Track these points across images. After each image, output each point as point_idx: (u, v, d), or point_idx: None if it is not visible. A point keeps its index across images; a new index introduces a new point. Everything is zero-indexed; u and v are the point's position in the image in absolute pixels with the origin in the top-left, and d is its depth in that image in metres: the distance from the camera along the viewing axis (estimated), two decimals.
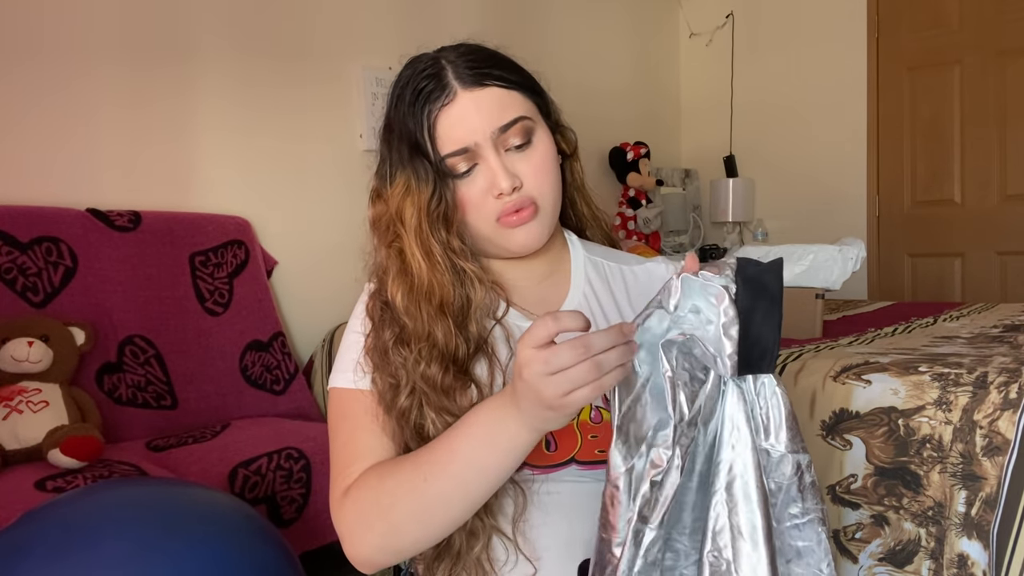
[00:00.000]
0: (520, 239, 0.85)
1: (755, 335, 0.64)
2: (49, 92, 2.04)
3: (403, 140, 0.85)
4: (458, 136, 0.82)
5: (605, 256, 0.96)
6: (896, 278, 3.56)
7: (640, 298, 0.92)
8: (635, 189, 3.63)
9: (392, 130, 0.87)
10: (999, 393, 1.24)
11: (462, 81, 0.82)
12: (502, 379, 0.82)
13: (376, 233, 0.88)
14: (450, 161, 0.83)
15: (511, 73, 0.86)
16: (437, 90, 0.82)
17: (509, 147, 0.83)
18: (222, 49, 2.36)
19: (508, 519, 0.81)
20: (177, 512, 1.07)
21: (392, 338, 0.83)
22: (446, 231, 0.83)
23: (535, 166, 0.84)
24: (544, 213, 0.85)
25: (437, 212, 0.82)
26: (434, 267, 0.82)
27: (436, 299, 0.81)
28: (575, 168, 0.95)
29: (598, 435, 0.81)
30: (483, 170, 0.83)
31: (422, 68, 0.85)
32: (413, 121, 0.84)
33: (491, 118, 0.82)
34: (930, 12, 3.42)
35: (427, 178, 0.82)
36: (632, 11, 3.85)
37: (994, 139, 3.30)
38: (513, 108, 0.83)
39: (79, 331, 1.76)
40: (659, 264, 0.95)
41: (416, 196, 0.83)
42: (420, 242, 0.82)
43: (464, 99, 0.82)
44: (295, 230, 2.51)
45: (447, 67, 0.83)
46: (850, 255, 1.86)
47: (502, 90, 0.83)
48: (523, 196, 0.83)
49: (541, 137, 0.86)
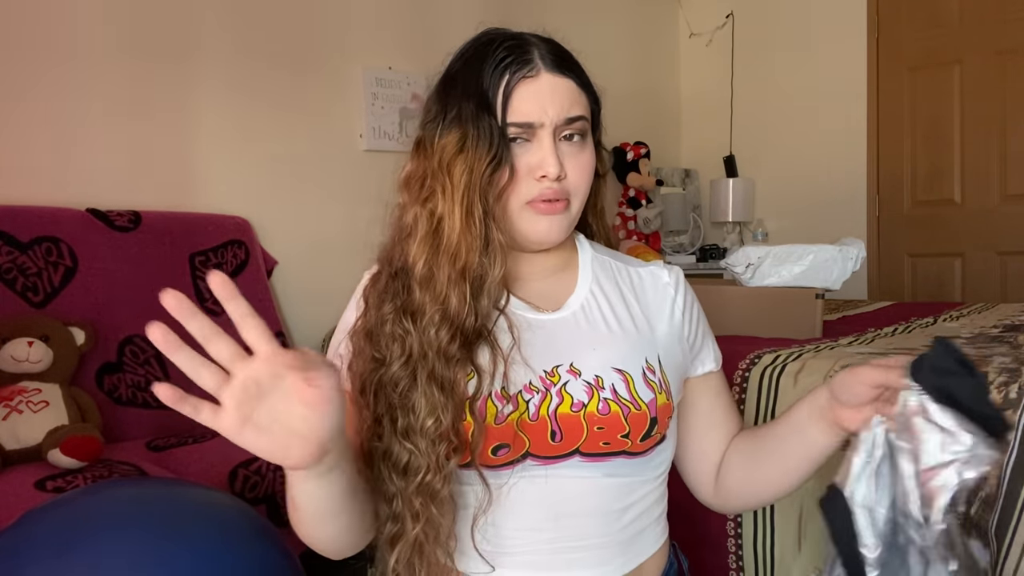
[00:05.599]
0: (544, 228, 0.85)
1: (975, 413, 0.68)
2: (49, 92, 2.05)
3: (470, 97, 0.83)
4: (529, 110, 0.83)
5: (611, 256, 0.97)
6: (896, 278, 3.56)
7: (646, 299, 0.92)
8: (635, 189, 3.63)
9: (455, 86, 0.85)
10: (999, 393, 1.24)
11: (546, 62, 0.84)
12: (504, 368, 0.82)
13: (407, 191, 0.86)
14: (511, 131, 0.83)
15: (584, 75, 0.89)
16: (521, 61, 0.83)
17: (563, 137, 0.85)
18: (222, 49, 2.36)
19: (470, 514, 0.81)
20: (177, 512, 1.07)
21: (393, 311, 0.82)
22: (493, 198, 0.82)
23: (581, 165, 0.86)
24: (571, 212, 0.87)
25: (491, 177, 0.82)
26: (468, 229, 0.80)
27: (460, 262, 0.81)
28: (601, 190, 0.97)
29: (604, 427, 0.81)
30: (534, 149, 0.84)
31: (506, 38, 0.86)
32: (488, 82, 0.83)
33: (563, 106, 0.84)
34: (930, 12, 3.42)
35: (489, 139, 0.82)
36: (632, 11, 3.86)
37: (994, 139, 3.30)
38: (580, 106, 0.86)
39: (79, 331, 1.76)
40: (661, 269, 0.96)
41: (471, 154, 0.81)
42: (464, 201, 0.81)
43: (546, 79, 0.84)
44: (295, 230, 2.51)
45: (533, 45, 0.85)
46: (850, 255, 1.85)
47: (577, 86, 0.86)
48: (563, 188, 0.85)
49: (589, 144, 0.88)
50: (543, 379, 0.83)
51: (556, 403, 0.82)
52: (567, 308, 0.89)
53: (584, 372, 0.83)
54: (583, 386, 0.83)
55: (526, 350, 0.83)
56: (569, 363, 0.84)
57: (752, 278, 1.92)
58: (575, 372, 0.83)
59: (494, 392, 0.80)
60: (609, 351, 0.85)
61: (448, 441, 0.77)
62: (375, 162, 2.68)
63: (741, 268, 1.94)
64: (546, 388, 0.82)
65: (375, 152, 2.70)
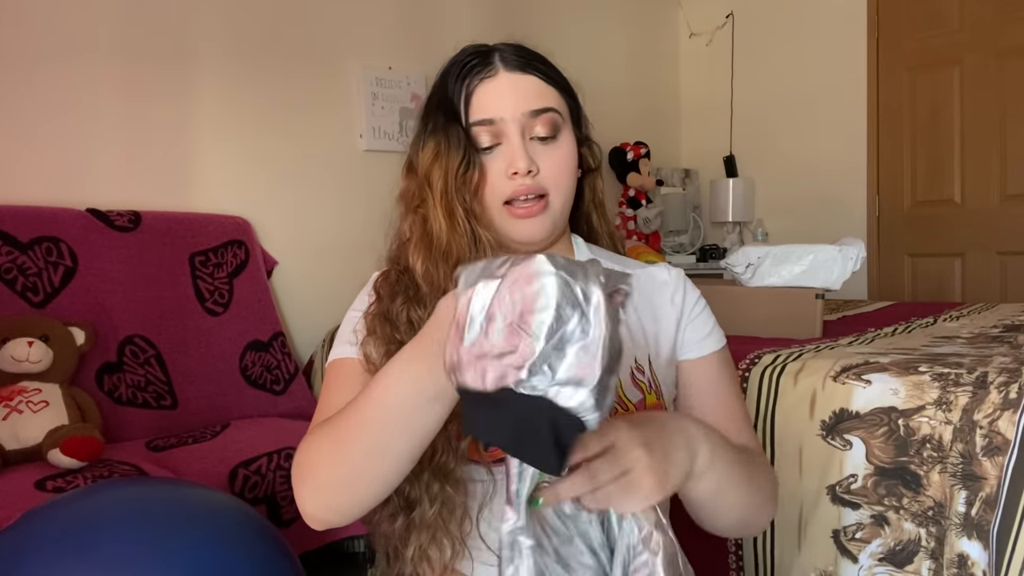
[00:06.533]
0: (526, 230, 0.87)
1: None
2: (49, 92, 2.04)
3: (440, 109, 0.88)
4: (487, 106, 0.86)
5: (609, 258, 0.96)
6: (896, 278, 3.56)
7: (642, 301, 0.92)
8: (635, 189, 3.63)
9: (431, 103, 0.90)
10: (999, 393, 1.24)
11: (506, 63, 0.87)
12: None
13: (403, 204, 0.91)
14: (475, 130, 0.86)
15: (553, 72, 0.90)
16: (480, 65, 0.87)
17: (534, 136, 0.86)
18: (222, 49, 2.36)
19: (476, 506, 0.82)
20: (177, 512, 1.07)
21: (405, 302, 0.85)
22: (470, 196, 0.85)
23: (555, 160, 0.87)
24: (552, 209, 0.87)
25: (464, 177, 0.85)
26: (454, 228, 0.84)
27: (453, 259, 0.84)
28: (596, 184, 0.98)
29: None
30: (504, 150, 0.86)
31: (472, 50, 0.89)
32: (452, 90, 0.87)
33: (525, 100, 0.86)
34: (930, 12, 3.42)
35: (458, 144, 0.85)
36: (632, 11, 3.85)
37: (994, 139, 3.30)
38: (547, 99, 0.87)
39: (79, 331, 1.77)
40: (661, 269, 0.96)
41: (444, 160, 0.85)
42: (444, 203, 0.84)
43: (504, 77, 0.86)
44: (295, 230, 2.51)
45: (496, 51, 0.88)
46: (850, 255, 1.85)
47: (541, 82, 0.88)
48: (537, 184, 0.86)
49: (567, 138, 0.89)
50: None
51: None
52: None
53: None
54: None
55: None
56: None
57: (752, 278, 1.92)
58: None
59: None
60: None
61: (458, 419, 0.76)
62: (375, 162, 2.67)
63: (741, 268, 1.94)
64: None
65: (375, 152, 2.70)
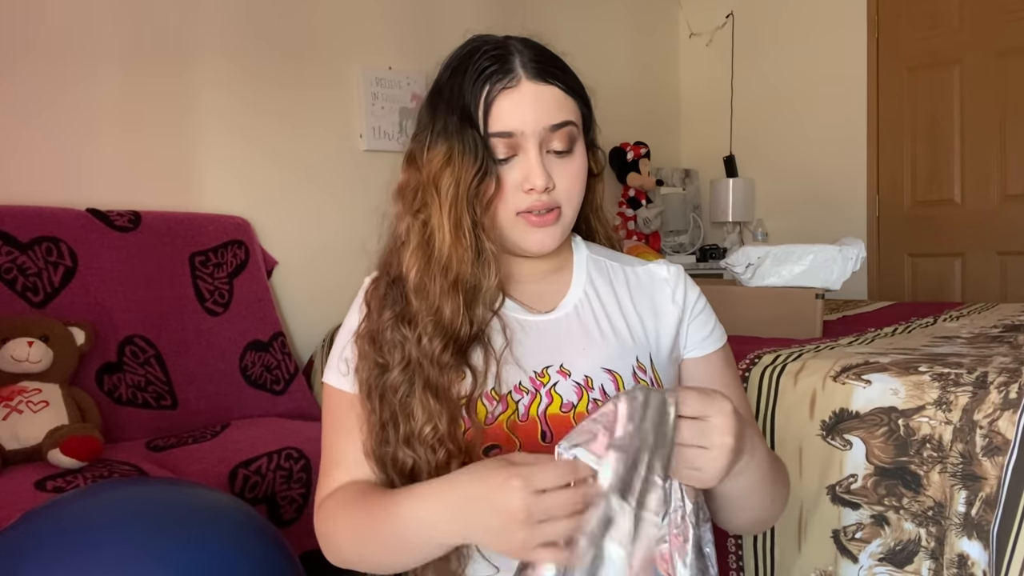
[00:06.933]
0: (537, 240, 0.86)
1: None
2: (49, 92, 2.04)
3: (453, 111, 0.84)
4: (509, 120, 0.83)
5: (608, 256, 0.97)
6: (896, 278, 3.56)
7: (642, 297, 0.92)
8: (635, 189, 3.63)
9: (442, 98, 0.86)
10: (999, 393, 1.24)
11: (527, 71, 0.84)
12: (496, 368, 0.82)
13: (401, 201, 0.87)
14: (492, 141, 0.83)
15: (572, 80, 0.88)
16: (502, 72, 0.83)
17: (550, 150, 0.85)
18: (222, 49, 2.36)
19: None
20: (177, 512, 1.07)
21: (392, 317, 0.83)
22: (480, 209, 0.83)
23: (570, 174, 0.86)
24: (564, 221, 0.87)
25: (479, 188, 0.82)
26: (459, 241, 0.81)
27: (452, 274, 0.81)
28: (597, 188, 0.97)
29: None
30: (520, 162, 0.84)
31: (489, 47, 0.85)
32: (470, 94, 0.83)
33: (546, 114, 0.83)
34: (930, 12, 3.42)
35: (474, 152, 0.82)
36: (632, 11, 3.85)
37: (994, 139, 3.30)
38: (566, 112, 0.85)
39: (79, 331, 1.76)
40: (660, 266, 0.96)
41: (457, 167, 0.82)
42: (452, 214, 0.81)
43: (526, 88, 0.83)
44: (295, 230, 2.51)
45: (515, 53, 0.85)
46: (850, 255, 1.85)
47: (561, 92, 0.85)
48: (552, 199, 0.85)
49: (580, 149, 0.87)
50: (533, 380, 0.83)
51: (546, 404, 0.82)
52: (560, 309, 0.89)
53: (574, 373, 0.84)
54: (572, 387, 0.83)
55: (517, 350, 0.84)
56: (559, 364, 0.85)
57: (752, 278, 1.92)
58: (565, 373, 0.84)
59: (485, 392, 0.81)
60: (599, 352, 0.86)
61: (447, 447, 0.79)
62: (375, 162, 2.67)
63: (741, 268, 1.94)
64: (536, 389, 0.83)
65: (375, 152, 2.70)
